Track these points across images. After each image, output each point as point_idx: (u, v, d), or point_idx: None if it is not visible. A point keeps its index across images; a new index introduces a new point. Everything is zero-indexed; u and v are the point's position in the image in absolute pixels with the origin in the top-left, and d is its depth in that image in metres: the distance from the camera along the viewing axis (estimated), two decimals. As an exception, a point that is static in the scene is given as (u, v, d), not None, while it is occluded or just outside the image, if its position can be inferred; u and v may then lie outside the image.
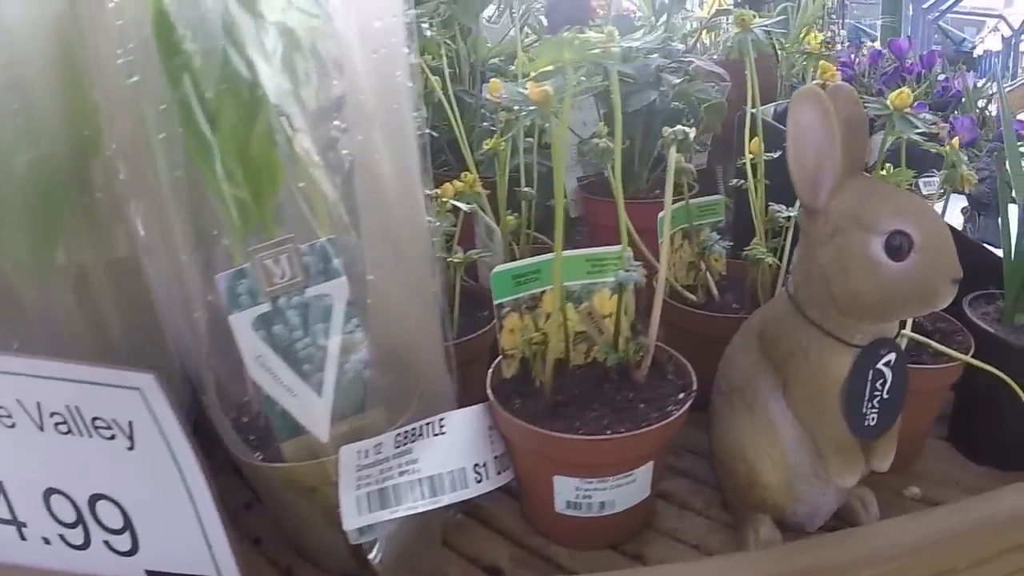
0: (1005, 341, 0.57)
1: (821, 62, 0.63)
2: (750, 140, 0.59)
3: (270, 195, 0.38)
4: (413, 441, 0.42)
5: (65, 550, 0.40)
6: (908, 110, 0.51)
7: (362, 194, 0.39)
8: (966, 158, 0.59)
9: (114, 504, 0.39)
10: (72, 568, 0.40)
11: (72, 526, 0.40)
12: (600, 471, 0.45)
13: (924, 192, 0.66)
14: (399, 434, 0.42)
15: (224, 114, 0.36)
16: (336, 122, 0.38)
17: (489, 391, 0.46)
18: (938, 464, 0.61)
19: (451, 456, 0.43)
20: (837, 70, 0.63)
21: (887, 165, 0.54)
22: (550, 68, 0.39)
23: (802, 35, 1.07)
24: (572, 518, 0.47)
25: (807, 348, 0.43)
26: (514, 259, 0.65)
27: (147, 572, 0.40)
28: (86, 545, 0.40)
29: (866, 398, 0.44)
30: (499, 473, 0.46)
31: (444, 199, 0.54)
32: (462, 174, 0.58)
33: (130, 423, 0.37)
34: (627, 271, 0.46)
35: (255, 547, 0.49)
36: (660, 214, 0.56)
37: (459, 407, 0.45)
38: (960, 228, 0.86)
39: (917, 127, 0.50)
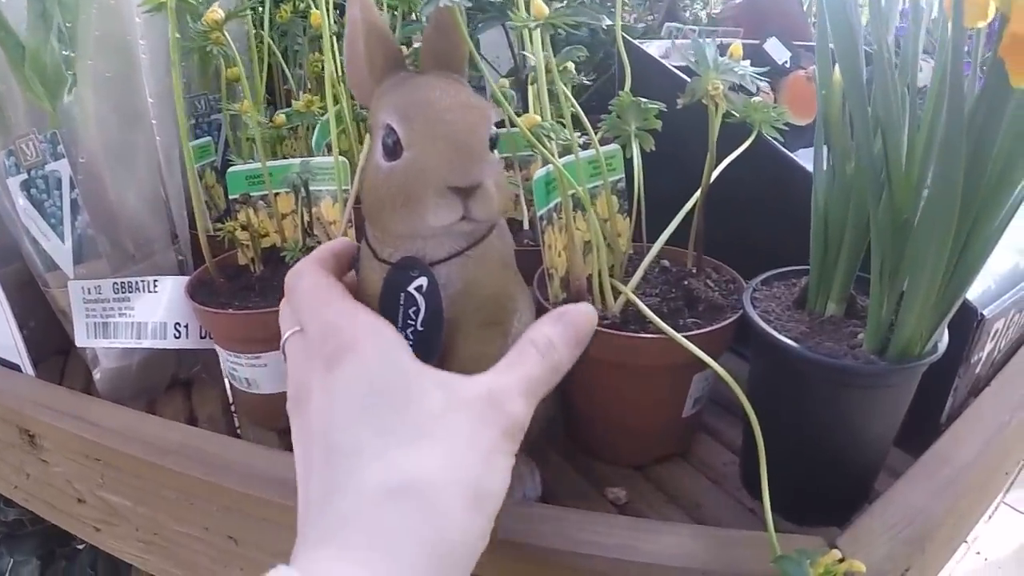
0: (774, 339, 0.41)
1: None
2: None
3: (57, 99, 0.55)
4: (130, 292, 0.56)
5: None
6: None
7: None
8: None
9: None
10: None
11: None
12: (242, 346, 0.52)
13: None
14: (116, 283, 0.56)
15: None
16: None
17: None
18: (678, 469, 0.49)
19: (157, 311, 0.56)
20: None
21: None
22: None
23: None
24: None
25: (359, 259, 0.42)
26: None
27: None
28: None
29: (399, 324, 0.40)
30: (203, 337, 0.56)
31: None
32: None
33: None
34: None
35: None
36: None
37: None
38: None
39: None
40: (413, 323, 0.38)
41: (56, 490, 0.60)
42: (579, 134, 0.48)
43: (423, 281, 0.37)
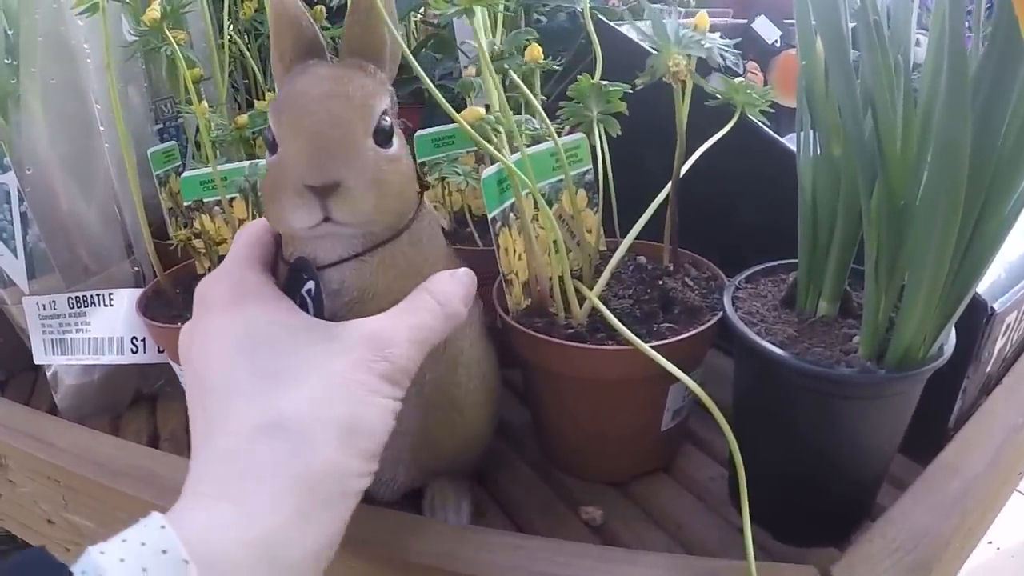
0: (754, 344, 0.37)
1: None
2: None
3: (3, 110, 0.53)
4: (86, 306, 0.54)
5: None
6: None
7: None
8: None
9: None
10: None
11: None
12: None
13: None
14: (71, 297, 0.53)
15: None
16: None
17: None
18: (660, 485, 0.46)
19: (114, 325, 0.53)
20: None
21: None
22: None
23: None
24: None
25: None
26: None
27: None
28: None
29: None
30: (160, 351, 0.54)
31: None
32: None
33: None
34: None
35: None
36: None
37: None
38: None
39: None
40: None
41: (26, 510, 0.58)
42: (555, 124, 0.44)
43: (311, 285, 0.35)
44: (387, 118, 0.34)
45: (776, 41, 0.74)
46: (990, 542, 1.38)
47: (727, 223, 0.50)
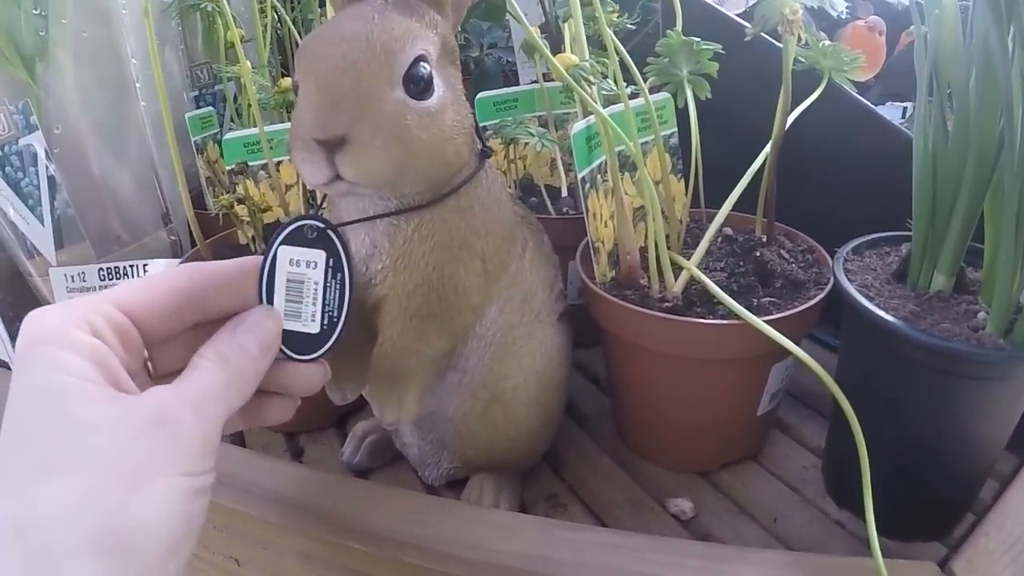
0: (875, 318, 0.33)
1: None
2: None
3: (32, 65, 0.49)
4: (119, 278, 0.50)
5: None
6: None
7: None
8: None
9: None
10: None
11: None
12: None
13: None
14: (102, 268, 0.49)
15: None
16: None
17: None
18: (751, 475, 0.42)
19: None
20: None
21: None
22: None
23: None
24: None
25: None
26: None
27: None
28: None
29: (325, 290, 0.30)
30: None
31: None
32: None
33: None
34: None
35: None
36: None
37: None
38: None
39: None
40: (333, 292, 0.30)
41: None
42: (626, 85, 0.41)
43: (336, 237, 0.30)
44: (425, 65, 0.30)
45: (842, 12, 0.70)
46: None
47: (817, 196, 0.47)
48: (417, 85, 0.29)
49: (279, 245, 0.29)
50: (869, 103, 0.48)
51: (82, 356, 0.25)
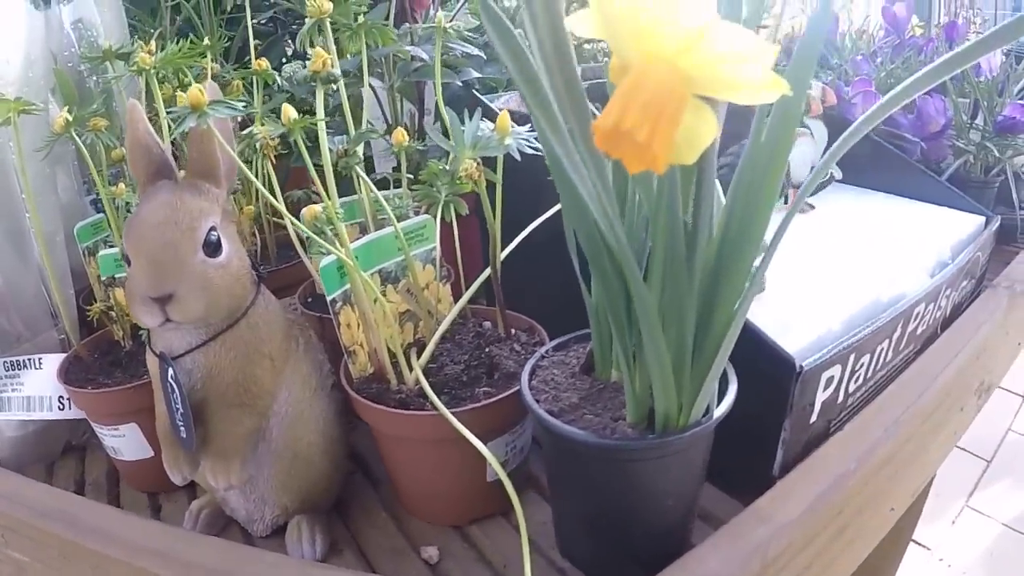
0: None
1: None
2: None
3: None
4: (20, 369, 0.62)
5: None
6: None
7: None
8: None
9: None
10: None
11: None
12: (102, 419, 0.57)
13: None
14: (6, 362, 0.61)
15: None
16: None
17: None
18: (495, 528, 0.51)
19: (44, 386, 0.61)
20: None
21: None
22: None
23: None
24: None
25: None
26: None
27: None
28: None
29: (172, 407, 0.44)
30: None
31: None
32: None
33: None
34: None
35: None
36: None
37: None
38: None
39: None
40: (178, 406, 0.44)
41: (-25, 548, 0.66)
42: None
43: (171, 371, 0.43)
44: (215, 232, 0.42)
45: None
46: (941, 559, 1.39)
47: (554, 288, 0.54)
48: (211, 248, 0.42)
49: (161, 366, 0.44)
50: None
51: None
